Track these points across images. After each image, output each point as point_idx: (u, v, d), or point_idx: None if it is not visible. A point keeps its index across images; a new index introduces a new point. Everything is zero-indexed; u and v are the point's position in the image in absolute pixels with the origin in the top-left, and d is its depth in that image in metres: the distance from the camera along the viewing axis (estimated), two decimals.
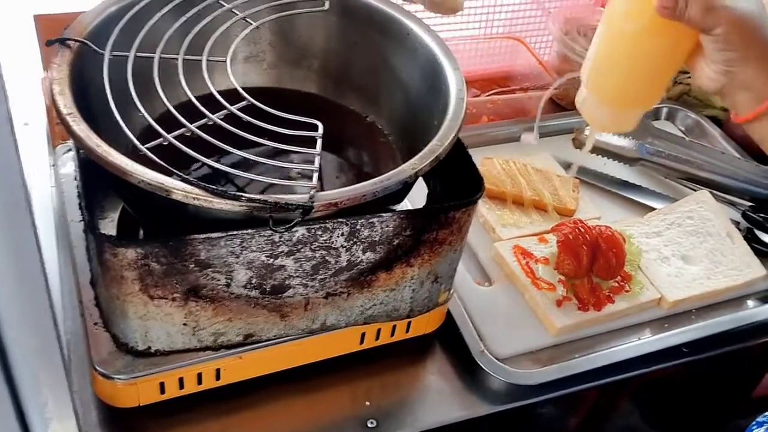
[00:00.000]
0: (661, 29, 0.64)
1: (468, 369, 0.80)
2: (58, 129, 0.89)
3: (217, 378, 0.72)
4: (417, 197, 0.79)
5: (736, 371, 0.99)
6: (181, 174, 0.58)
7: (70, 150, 0.87)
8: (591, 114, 0.76)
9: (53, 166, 0.89)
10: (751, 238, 0.97)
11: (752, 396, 1.07)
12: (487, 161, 1.00)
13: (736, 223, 0.98)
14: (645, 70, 0.69)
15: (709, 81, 0.65)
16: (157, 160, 0.58)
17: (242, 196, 0.57)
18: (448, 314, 0.83)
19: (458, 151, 0.72)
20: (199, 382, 0.71)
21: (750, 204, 1.01)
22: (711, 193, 1.01)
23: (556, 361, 0.81)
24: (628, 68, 0.69)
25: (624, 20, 0.67)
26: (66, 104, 0.62)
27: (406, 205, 0.82)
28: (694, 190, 1.03)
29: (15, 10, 0.95)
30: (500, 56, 1.23)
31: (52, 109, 0.86)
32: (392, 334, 0.78)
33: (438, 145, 0.66)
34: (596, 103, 0.74)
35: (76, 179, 0.74)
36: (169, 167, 0.59)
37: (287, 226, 0.58)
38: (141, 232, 0.78)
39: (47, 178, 0.89)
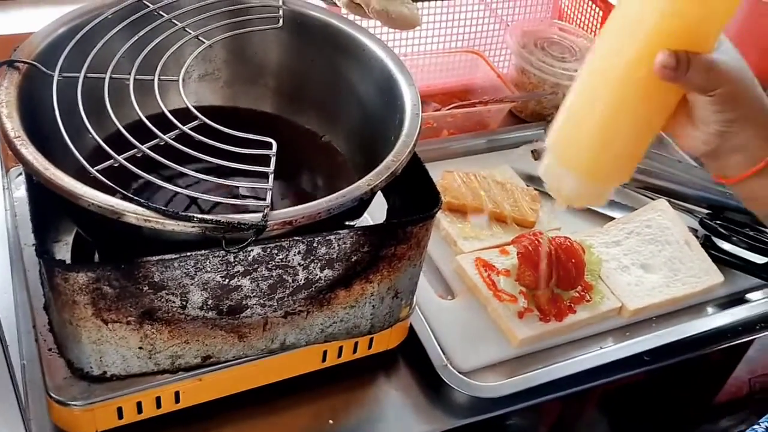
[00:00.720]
0: (649, 93, 0.60)
1: (432, 384, 0.80)
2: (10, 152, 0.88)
3: (177, 401, 0.71)
4: (378, 212, 0.79)
5: (698, 377, 1.00)
6: (132, 196, 0.57)
7: (21, 174, 0.86)
8: (557, 186, 0.68)
9: (6, 189, 0.88)
10: (708, 246, 0.98)
11: (715, 401, 1.08)
12: (448, 174, 1.00)
13: (694, 231, 1.00)
14: (626, 138, 0.63)
15: (702, 144, 0.62)
16: (107, 182, 0.57)
17: (194, 216, 0.56)
18: (411, 329, 0.82)
19: (415, 166, 0.72)
20: (158, 405, 0.70)
21: (707, 212, 1.03)
22: (668, 201, 1.03)
23: (519, 372, 0.81)
24: (607, 136, 0.63)
25: (606, 84, 0.61)
26: (14, 127, 0.61)
27: (367, 220, 0.82)
28: (653, 199, 1.04)
29: None
30: (460, 70, 1.24)
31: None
32: (354, 351, 0.78)
33: (394, 161, 0.66)
34: (564, 173, 0.66)
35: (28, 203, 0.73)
36: (120, 189, 0.58)
37: (241, 245, 0.58)
38: (96, 255, 0.77)
39: (0, 201, 0.87)
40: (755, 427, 0.78)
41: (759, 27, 1.07)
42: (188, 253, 0.59)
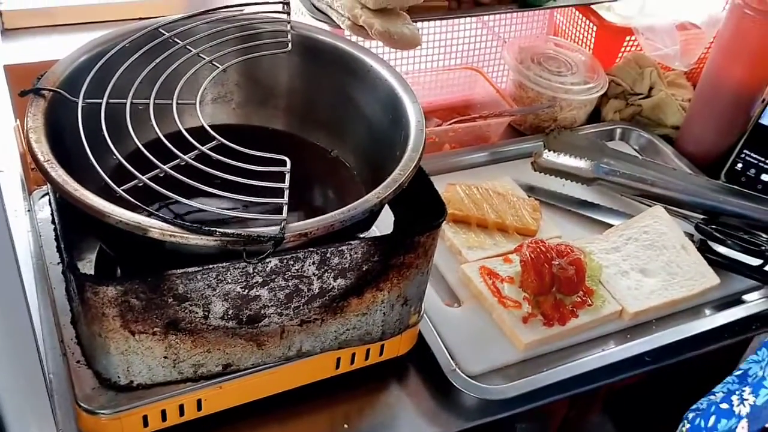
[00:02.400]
0: None
1: (441, 388, 0.83)
2: (33, 175, 0.91)
3: (199, 408, 0.74)
4: (385, 225, 0.82)
5: (698, 377, 1.03)
6: (156, 213, 0.61)
7: (45, 195, 0.90)
8: None
9: (29, 211, 0.91)
10: (704, 249, 1.02)
11: None
12: (451, 187, 1.04)
13: (690, 236, 1.03)
14: None
15: None
16: (134, 201, 0.61)
17: (216, 231, 0.60)
18: (420, 336, 0.86)
19: (421, 179, 0.76)
20: (181, 413, 0.73)
21: (702, 217, 1.06)
22: (665, 207, 1.06)
23: (525, 375, 0.85)
24: None
25: None
26: (43, 152, 0.65)
27: (375, 232, 0.86)
28: (649, 206, 1.08)
29: None
30: (459, 86, 1.28)
31: (27, 155, 0.89)
32: (366, 358, 0.81)
33: (401, 174, 0.70)
34: None
35: (53, 223, 0.77)
36: (145, 207, 0.61)
37: (260, 257, 0.61)
38: (118, 271, 0.80)
39: (24, 223, 0.91)
40: (710, 397, 0.81)
41: (746, 38, 1.11)
42: (210, 266, 0.63)
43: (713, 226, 1.03)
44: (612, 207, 1.10)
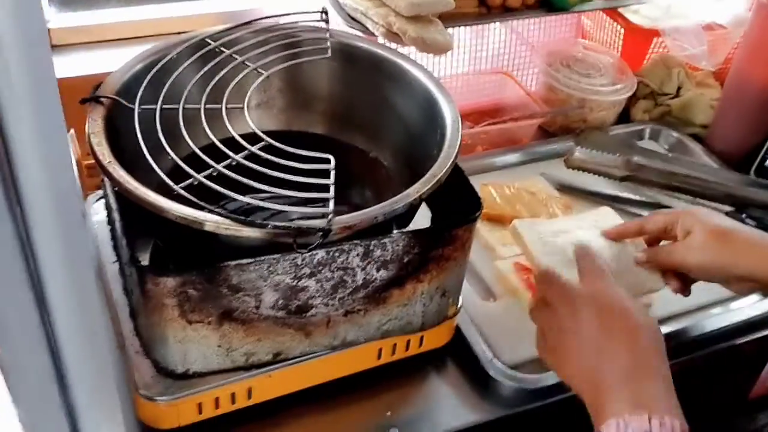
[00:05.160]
0: None
1: (479, 378, 0.86)
2: (87, 180, 0.96)
3: (249, 397, 0.78)
4: (423, 222, 0.86)
5: (730, 371, 1.05)
6: (212, 208, 0.65)
7: (99, 199, 0.95)
8: None
9: (83, 215, 0.96)
10: None
11: (750, 396, 1.12)
12: (484, 188, 1.07)
13: None
14: None
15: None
16: (191, 197, 0.65)
17: (268, 224, 0.64)
18: (458, 330, 0.89)
19: (457, 176, 0.79)
20: (233, 401, 0.77)
21: (730, 209, 1.08)
22: (693, 200, 1.08)
23: None
24: None
25: None
26: (104, 154, 0.70)
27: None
28: (680, 200, 1.10)
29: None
30: (490, 90, 1.31)
31: (81, 162, 0.94)
32: (407, 349, 0.85)
33: (439, 169, 0.73)
34: None
35: (109, 224, 0.81)
36: (200, 203, 0.66)
37: (310, 247, 0.65)
38: (170, 267, 0.84)
39: None
40: None
41: None
42: (262, 258, 0.67)
43: (742, 215, 1.05)
44: (643, 200, 1.12)
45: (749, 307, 0.98)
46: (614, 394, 0.63)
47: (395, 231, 0.77)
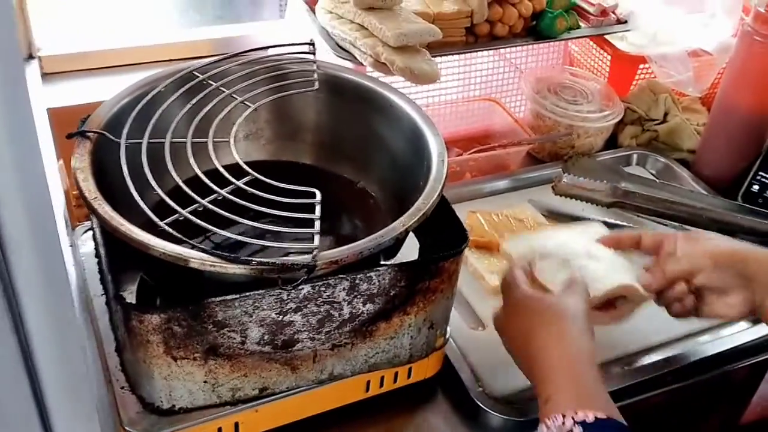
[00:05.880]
0: None
1: (469, 409, 0.86)
2: (76, 211, 0.96)
3: (236, 431, 0.77)
4: (410, 252, 0.86)
5: (721, 397, 1.05)
6: (196, 244, 0.65)
7: (88, 230, 0.94)
8: None
9: (71, 246, 0.96)
10: None
11: (742, 422, 1.12)
12: (472, 215, 1.08)
13: None
14: None
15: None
16: (176, 234, 0.65)
17: (252, 260, 0.64)
18: (447, 360, 0.89)
19: (443, 208, 0.79)
20: None
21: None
22: (682, 227, 1.09)
23: None
24: None
25: None
26: (90, 190, 0.70)
27: (400, 259, 0.89)
28: (665, 226, 1.11)
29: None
30: (478, 117, 1.32)
31: (70, 192, 0.94)
32: (395, 381, 0.84)
33: (424, 203, 0.74)
34: None
35: (97, 256, 0.81)
36: (185, 239, 0.66)
37: (294, 284, 0.65)
38: (158, 301, 0.84)
39: (68, 257, 0.95)
40: None
41: (756, 63, 1.14)
42: (247, 294, 0.66)
43: None
44: (630, 225, 1.12)
45: (739, 333, 0.98)
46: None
47: (382, 263, 0.77)
